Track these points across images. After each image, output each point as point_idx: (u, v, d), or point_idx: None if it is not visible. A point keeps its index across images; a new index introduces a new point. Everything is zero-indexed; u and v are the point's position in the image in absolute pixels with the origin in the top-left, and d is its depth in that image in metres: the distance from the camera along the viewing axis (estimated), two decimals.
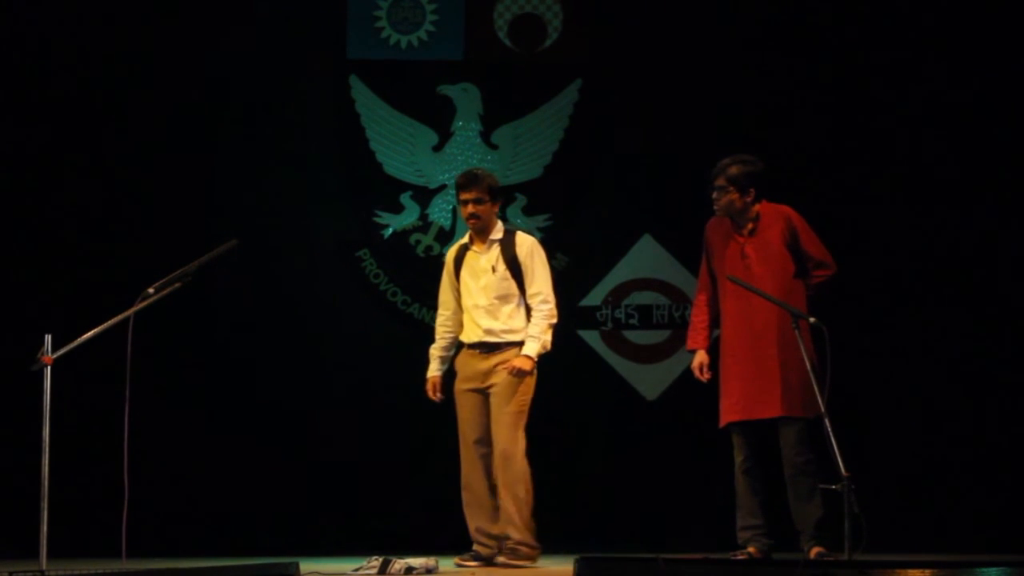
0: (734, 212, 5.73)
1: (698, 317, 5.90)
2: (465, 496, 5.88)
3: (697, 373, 5.83)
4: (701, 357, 5.83)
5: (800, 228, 5.73)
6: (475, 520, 5.86)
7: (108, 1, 7.65)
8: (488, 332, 5.87)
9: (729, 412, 5.70)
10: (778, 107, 7.65)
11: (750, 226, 5.73)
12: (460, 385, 5.94)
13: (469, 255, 5.96)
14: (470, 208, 5.89)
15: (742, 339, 5.68)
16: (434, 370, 6.03)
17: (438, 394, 6.00)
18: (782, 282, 5.65)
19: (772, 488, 5.68)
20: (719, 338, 5.82)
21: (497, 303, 5.87)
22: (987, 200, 7.46)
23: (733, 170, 5.69)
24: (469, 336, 5.92)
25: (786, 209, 5.77)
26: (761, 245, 5.70)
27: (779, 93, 7.67)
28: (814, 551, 5.49)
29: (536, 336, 5.84)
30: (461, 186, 5.93)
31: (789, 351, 5.53)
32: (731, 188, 5.69)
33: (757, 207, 5.73)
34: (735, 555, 5.65)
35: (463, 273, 5.95)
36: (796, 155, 7.52)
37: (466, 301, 5.93)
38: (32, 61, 7.54)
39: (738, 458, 5.72)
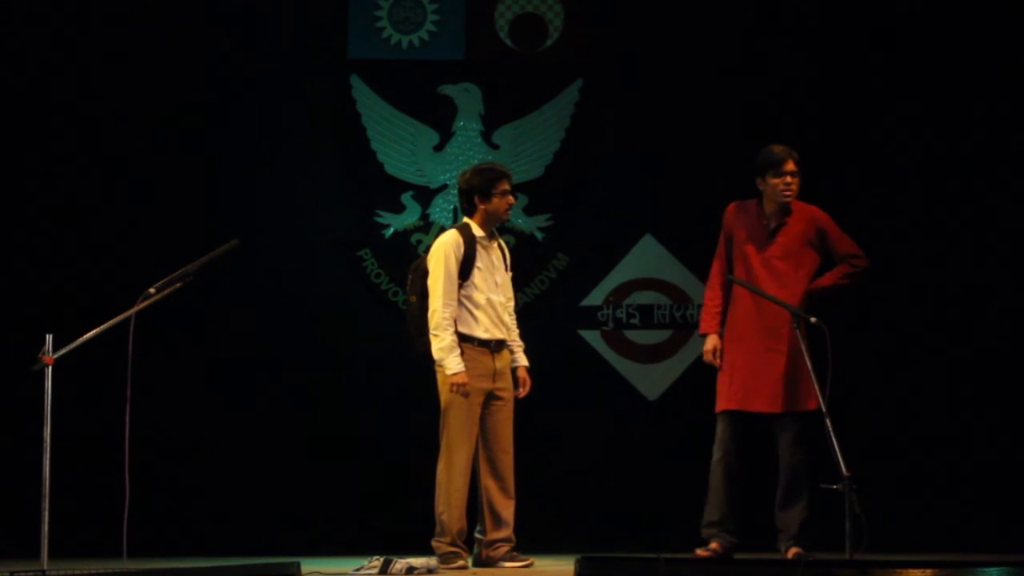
0: (793, 197, 5.67)
1: (712, 301, 5.77)
2: (464, 493, 5.62)
3: (709, 357, 5.70)
4: (714, 341, 5.70)
5: (828, 227, 5.69)
6: (463, 521, 5.64)
7: (109, 0, 7.66)
8: (509, 329, 5.78)
9: (729, 399, 5.63)
10: (778, 106, 7.64)
11: (784, 217, 5.68)
12: (472, 383, 5.60)
13: (481, 249, 5.72)
14: (511, 199, 5.78)
15: (751, 329, 5.63)
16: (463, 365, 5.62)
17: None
18: (794, 278, 5.63)
19: (749, 485, 5.65)
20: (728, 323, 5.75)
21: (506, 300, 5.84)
22: (987, 199, 7.45)
23: (797, 155, 5.68)
24: (477, 331, 5.65)
25: (813, 208, 5.75)
26: (787, 238, 5.66)
27: (779, 92, 7.66)
28: (792, 551, 5.47)
29: (521, 343, 5.86)
30: (510, 176, 5.80)
31: (796, 347, 5.48)
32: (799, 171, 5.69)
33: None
34: (700, 553, 5.60)
35: (479, 265, 5.68)
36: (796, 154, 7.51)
37: (478, 296, 5.66)
38: (33, 60, 7.54)
39: (718, 452, 5.63)
